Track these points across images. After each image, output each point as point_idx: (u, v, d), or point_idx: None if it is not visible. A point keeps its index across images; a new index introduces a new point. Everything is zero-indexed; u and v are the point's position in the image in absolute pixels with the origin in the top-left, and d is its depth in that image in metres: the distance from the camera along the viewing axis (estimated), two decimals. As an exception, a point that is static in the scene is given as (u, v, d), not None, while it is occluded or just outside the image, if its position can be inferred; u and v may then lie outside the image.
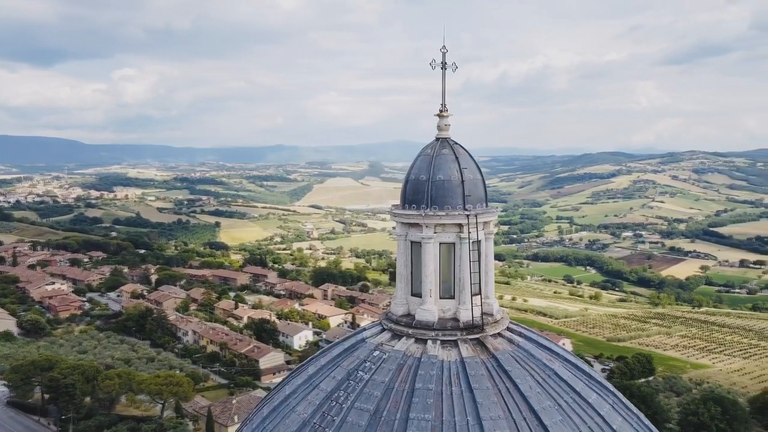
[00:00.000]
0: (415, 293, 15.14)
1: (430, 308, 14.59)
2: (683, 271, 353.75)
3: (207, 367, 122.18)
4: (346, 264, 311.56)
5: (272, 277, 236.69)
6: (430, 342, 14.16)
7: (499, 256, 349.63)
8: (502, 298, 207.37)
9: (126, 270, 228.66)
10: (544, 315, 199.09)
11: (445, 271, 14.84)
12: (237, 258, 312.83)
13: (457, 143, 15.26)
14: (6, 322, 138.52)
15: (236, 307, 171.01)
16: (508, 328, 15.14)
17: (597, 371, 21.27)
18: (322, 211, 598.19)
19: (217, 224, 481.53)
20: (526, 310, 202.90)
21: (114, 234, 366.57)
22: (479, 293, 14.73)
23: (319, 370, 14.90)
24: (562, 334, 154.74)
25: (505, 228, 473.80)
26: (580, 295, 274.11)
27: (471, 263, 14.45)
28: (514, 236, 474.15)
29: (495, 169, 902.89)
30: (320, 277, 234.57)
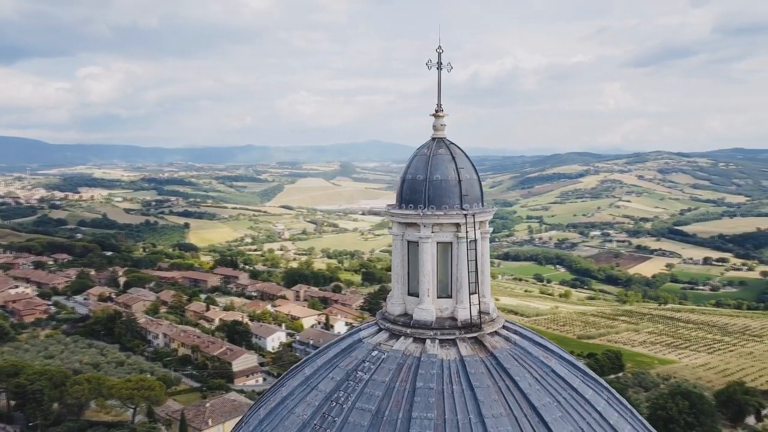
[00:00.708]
0: (412, 293, 15.15)
1: (428, 307, 14.62)
2: (649, 269, 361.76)
3: (179, 370, 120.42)
4: (318, 264, 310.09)
5: (243, 278, 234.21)
6: (428, 341, 14.19)
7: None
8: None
9: (93, 272, 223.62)
10: (516, 313, 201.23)
11: (441, 271, 14.90)
12: (207, 259, 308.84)
13: (453, 143, 15.33)
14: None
15: (208, 309, 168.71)
16: (504, 327, 15.29)
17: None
18: (293, 211, 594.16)
19: (187, 225, 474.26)
20: (497, 309, 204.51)
21: (80, 236, 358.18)
22: (476, 292, 14.83)
23: (317, 371, 14.79)
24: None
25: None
26: (550, 294, 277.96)
27: (468, 262, 14.54)
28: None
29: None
30: (292, 278, 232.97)
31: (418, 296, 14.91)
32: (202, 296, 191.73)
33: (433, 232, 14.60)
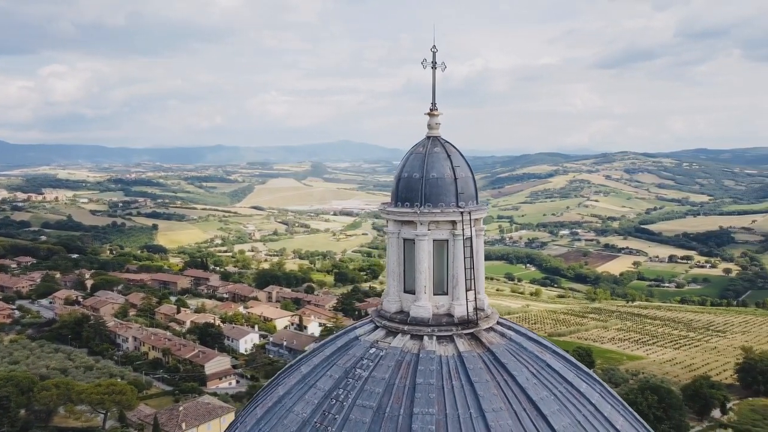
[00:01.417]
0: (408, 290, 15.24)
1: (425, 304, 14.73)
2: (617, 267, 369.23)
3: (150, 374, 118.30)
4: (290, 265, 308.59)
5: (214, 280, 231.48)
6: (426, 338, 14.30)
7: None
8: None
9: (58, 275, 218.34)
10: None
11: (437, 268, 15.03)
12: (176, 261, 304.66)
13: (447, 141, 15.47)
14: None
15: (178, 312, 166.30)
16: (499, 322, 15.49)
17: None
18: (264, 212, 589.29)
19: (155, 227, 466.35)
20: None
21: (44, 238, 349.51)
22: (472, 288, 14.99)
23: (314, 369, 14.77)
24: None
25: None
26: (521, 292, 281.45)
27: (465, 259, 14.70)
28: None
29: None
30: (264, 279, 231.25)
31: (413, 293, 15.00)
32: (173, 298, 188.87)
33: (429, 230, 14.71)
